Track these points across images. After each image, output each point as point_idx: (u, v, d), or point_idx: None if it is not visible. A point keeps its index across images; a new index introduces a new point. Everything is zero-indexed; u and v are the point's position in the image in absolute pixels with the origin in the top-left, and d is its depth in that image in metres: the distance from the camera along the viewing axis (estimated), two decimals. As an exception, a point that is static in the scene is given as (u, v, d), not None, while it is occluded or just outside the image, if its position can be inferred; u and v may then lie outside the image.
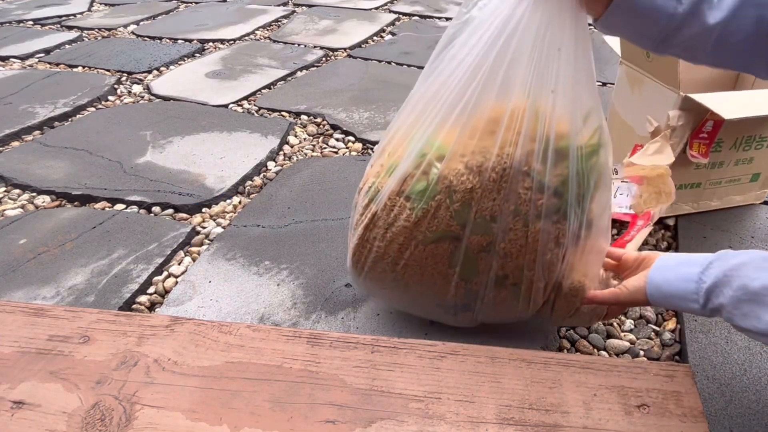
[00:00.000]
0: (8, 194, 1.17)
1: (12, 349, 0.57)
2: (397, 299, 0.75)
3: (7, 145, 1.36)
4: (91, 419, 0.50)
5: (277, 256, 0.98)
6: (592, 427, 0.51)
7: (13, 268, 0.93)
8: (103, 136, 1.40)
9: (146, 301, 0.88)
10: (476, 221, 0.61)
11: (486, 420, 0.52)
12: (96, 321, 0.61)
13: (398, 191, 0.63)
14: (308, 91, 1.70)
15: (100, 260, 0.96)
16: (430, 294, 0.68)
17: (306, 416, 0.51)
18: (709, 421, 0.55)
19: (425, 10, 2.66)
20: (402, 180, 0.63)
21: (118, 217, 1.08)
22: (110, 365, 0.56)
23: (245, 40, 2.21)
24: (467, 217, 0.61)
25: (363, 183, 0.71)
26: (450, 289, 0.65)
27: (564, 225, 0.62)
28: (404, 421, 0.51)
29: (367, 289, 0.75)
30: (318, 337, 0.60)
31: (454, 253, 0.63)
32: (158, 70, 1.86)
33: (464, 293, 0.66)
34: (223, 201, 1.15)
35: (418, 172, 0.62)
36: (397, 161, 0.65)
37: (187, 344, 0.58)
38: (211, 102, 1.61)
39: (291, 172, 1.26)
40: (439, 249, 0.63)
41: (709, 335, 0.79)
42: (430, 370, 0.57)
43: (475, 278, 0.64)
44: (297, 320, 0.83)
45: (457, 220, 0.62)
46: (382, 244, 0.65)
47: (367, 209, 0.67)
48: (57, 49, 2.04)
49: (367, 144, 1.40)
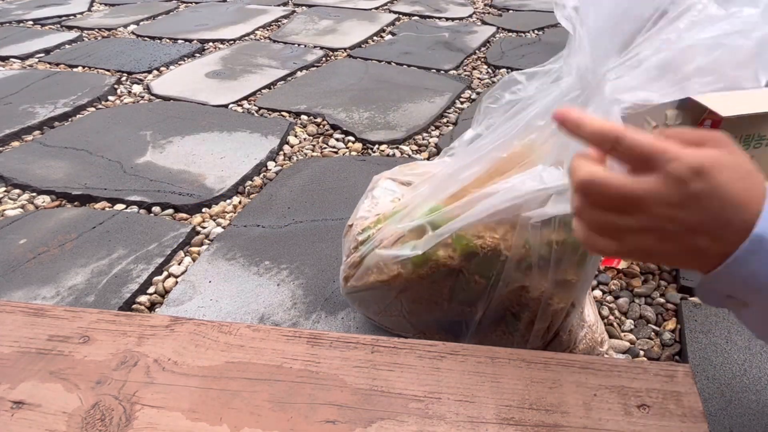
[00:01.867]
0: (8, 194, 1.17)
1: (12, 349, 0.57)
2: (386, 321, 0.77)
3: (7, 145, 1.36)
4: (91, 419, 0.50)
5: (277, 256, 0.98)
6: (592, 427, 0.51)
7: (13, 268, 0.93)
8: (103, 136, 1.40)
9: (146, 301, 0.88)
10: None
11: (486, 420, 0.52)
12: (96, 321, 0.61)
13: (391, 258, 0.66)
14: (308, 91, 1.70)
15: (100, 260, 0.96)
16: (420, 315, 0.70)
17: (306, 416, 0.51)
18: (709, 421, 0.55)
19: (425, 10, 2.66)
20: (395, 239, 0.65)
21: (118, 217, 1.08)
22: (110, 365, 0.56)
23: (245, 40, 2.20)
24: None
25: (354, 221, 0.73)
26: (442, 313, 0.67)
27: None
28: (404, 421, 0.51)
29: (358, 308, 0.78)
30: (318, 337, 0.60)
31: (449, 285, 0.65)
32: (158, 70, 1.86)
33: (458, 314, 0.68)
34: (223, 201, 1.15)
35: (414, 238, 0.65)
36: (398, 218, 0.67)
37: (187, 344, 0.58)
38: (211, 102, 1.61)
39: (291, 172, 1.26)
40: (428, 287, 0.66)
41: (709, 335, 0.79)
42: (430, 370, 0.57)
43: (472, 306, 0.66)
44: (297, 320, 0.83)
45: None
46: (368, 282, 0.68)
47: (356, 250, 0.70)
48: (57, 49, 2.04)
49: (367, 144, 1.40)
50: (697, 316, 0.83)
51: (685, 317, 0.83)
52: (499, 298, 0.63)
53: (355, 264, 0.70)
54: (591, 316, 0.73)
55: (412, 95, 1.67)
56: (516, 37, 2.28)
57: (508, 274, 0.61)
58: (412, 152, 1.38)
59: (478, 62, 2.01)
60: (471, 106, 1.63)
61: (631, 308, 0.88)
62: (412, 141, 1.43)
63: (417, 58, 2.01)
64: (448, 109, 1.61)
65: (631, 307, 0.88)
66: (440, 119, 1.55)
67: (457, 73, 1.89)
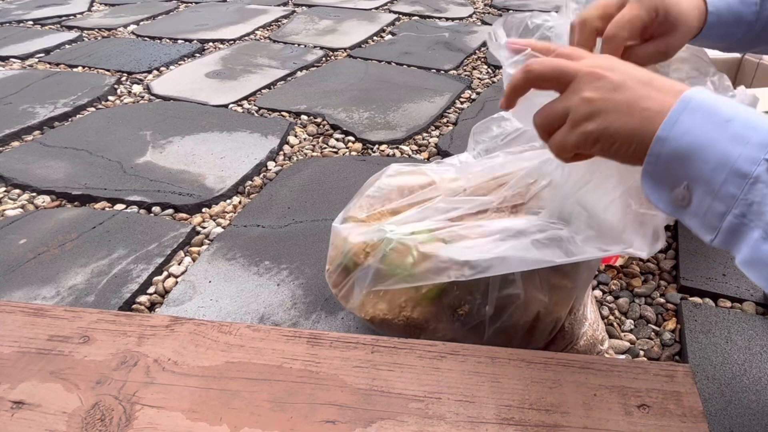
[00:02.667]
0: (8, 194, 1.17)
1: (12, 349, 0.57)
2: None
3: (7, 145, 1.36)
4: (91, 419, 0.50)
5: (277, 256, 0.98)
6: (592, 427, 0.51)
7: (13, 268, 0.93)
8: (103, 136, 1.40)
9: (146, 301, 0.88)
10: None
11: (486, 420, 0.52)
12: (96, 321, 0.61)
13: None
14: (308, 91, 1.70)
15: (100, 260, 0.96)
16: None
17: (306, 416, 0.51)
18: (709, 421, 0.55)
19: (425, 10, 2.66)
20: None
21: (118, 217, 1.08)
22: (110, 365, 0.56)
23: (245, 40, 2.21)
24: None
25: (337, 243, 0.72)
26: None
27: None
28: (404, 421, 0.51)
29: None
30: (318, 337, 0.60)
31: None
32: (158, 70, 1.86)
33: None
34: (223, 201, 1.15)
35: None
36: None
37: (187, 344, 0.58)
38: (211, 102, 1.61)
39: (291, 172, 1.26)
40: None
41: (709, 335, 0.79)
42: (430, 370, 0.57)
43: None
44: (297, 320, 0.83)
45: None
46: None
47: (339, 267, 0.69)
48: (57, 49, 2.04)
49: (367, 144, 1.40)
50: (697, 316, 0.83)
51: (685, 317, 0.83)
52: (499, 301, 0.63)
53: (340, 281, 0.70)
54: (591, 313, 0.73)
55: (412, 95, 1.67)
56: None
57: (493, 293, 0.61)
58: (412, 152, 1.38)
59: (478, 62, 2.01)
60: (471, 106, 1.63)
61: (631, 308, 0.88)
62: (412, 141, 1.43)
63: (417, 58, 2.01)
64: (448, 109, 1.61)
65: (631, 307, 0.88)
66: (440, 119, 1.55)
67: (457, 73, 1.89)
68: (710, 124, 0.33)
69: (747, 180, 0.32)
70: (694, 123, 0.34)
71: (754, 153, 0.32)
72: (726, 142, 0.33)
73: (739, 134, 0.32)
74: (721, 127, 0.33)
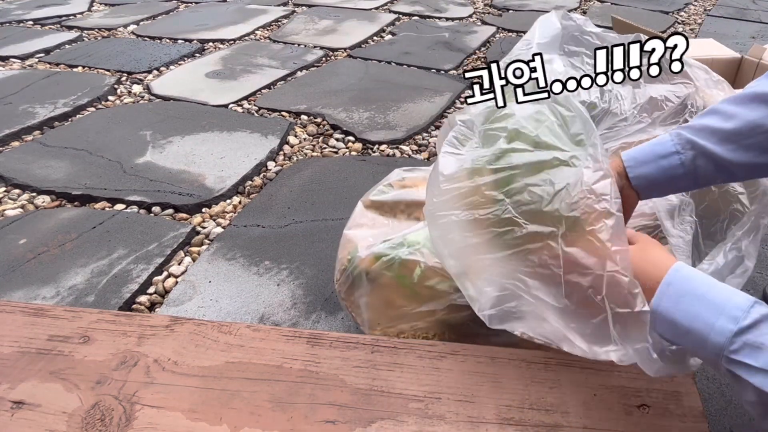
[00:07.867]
0: (8, 194, 1.17)
1: (12, 349, 0.57)
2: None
3: (7, 145, 1.36)
4: (91, 419, 0.50)
5: (277, 256, 0.98)
6: (592, 427, 0.51)
7: (13, 268, 0.93)
8: (103, 136, 1.40)
9: (146, 301, 0.88)
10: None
11: (486, 420, 0.52)
12: (96, 321, 0.61)
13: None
14: (308, 91, 1.70)
15: (100, 260, 0.96)
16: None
17: (306, 416, 0.51)
18: (709, 421, 0.55)
19: (425, 10, 2.67)
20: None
21: (118, 217, 1.08)
22: (110, 365, 0.56)
23: (245, 40, 2.21)
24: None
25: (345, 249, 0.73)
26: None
27: None
28: (404, 421, 0.51)
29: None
30: (318, 337, 0.60)
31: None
32: (158, 70, 1.86)
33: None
34: (223, 201, 1.15)
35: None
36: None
37: (187, 344, 0.58)
38: (211, 102, 1.61)
39: (291, 172, 1.26)
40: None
41: (709, 335, 0.79)
42: (430, 370, 0.57)
43: None
44: (297, 320, 0.83)
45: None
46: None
47: (344, 272, 0.71)
48: (57, 49, 2.04)
49: (367, 144, 1.40)
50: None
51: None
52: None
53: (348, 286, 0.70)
54: None
55: (412, 95, 1.67)
56: (516, 37, 2.28)
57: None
58: (412, 152, 1.38)
59: (478, 62, 2.01)
60: (471, 106, 1.63)
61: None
62: (412, 141, 1.43)
63: (417, 58, 2.01)
64: (448, 109, 1.61)
65: (631, 307, 0.88)
66: (440, 119, 1.55)
67: (457, 73, 1.89)
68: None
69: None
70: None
71: None
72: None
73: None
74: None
